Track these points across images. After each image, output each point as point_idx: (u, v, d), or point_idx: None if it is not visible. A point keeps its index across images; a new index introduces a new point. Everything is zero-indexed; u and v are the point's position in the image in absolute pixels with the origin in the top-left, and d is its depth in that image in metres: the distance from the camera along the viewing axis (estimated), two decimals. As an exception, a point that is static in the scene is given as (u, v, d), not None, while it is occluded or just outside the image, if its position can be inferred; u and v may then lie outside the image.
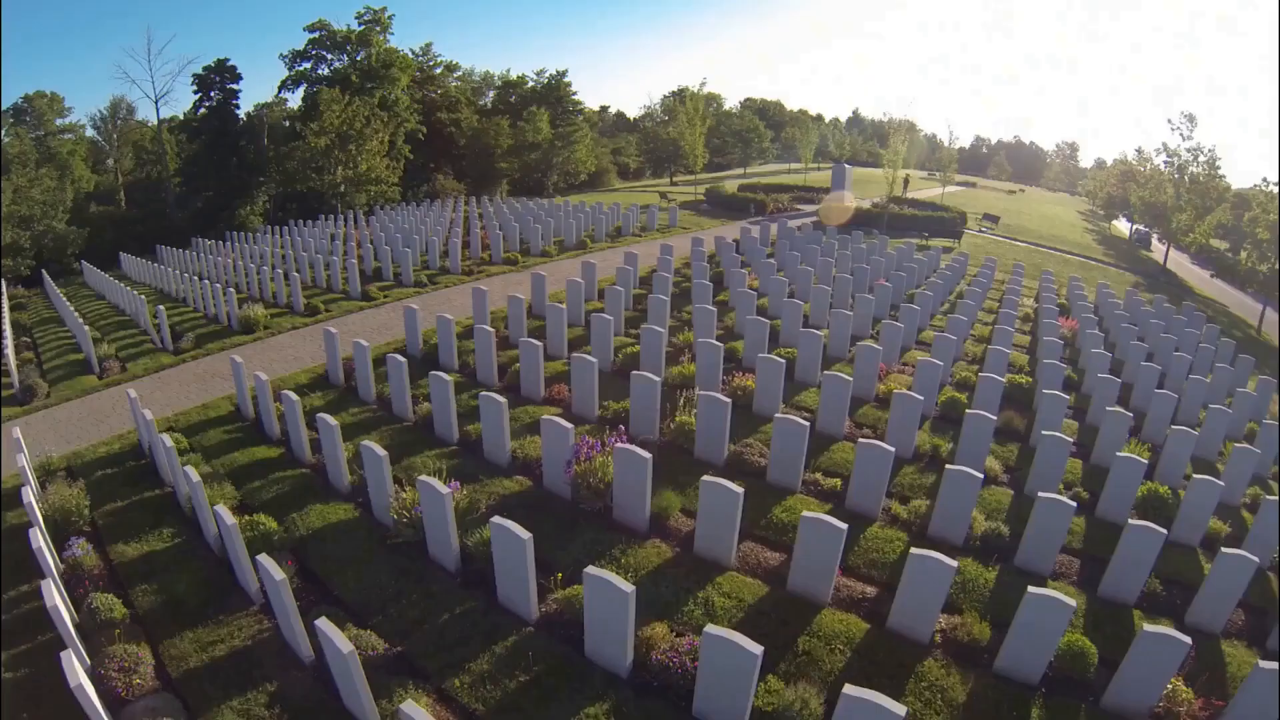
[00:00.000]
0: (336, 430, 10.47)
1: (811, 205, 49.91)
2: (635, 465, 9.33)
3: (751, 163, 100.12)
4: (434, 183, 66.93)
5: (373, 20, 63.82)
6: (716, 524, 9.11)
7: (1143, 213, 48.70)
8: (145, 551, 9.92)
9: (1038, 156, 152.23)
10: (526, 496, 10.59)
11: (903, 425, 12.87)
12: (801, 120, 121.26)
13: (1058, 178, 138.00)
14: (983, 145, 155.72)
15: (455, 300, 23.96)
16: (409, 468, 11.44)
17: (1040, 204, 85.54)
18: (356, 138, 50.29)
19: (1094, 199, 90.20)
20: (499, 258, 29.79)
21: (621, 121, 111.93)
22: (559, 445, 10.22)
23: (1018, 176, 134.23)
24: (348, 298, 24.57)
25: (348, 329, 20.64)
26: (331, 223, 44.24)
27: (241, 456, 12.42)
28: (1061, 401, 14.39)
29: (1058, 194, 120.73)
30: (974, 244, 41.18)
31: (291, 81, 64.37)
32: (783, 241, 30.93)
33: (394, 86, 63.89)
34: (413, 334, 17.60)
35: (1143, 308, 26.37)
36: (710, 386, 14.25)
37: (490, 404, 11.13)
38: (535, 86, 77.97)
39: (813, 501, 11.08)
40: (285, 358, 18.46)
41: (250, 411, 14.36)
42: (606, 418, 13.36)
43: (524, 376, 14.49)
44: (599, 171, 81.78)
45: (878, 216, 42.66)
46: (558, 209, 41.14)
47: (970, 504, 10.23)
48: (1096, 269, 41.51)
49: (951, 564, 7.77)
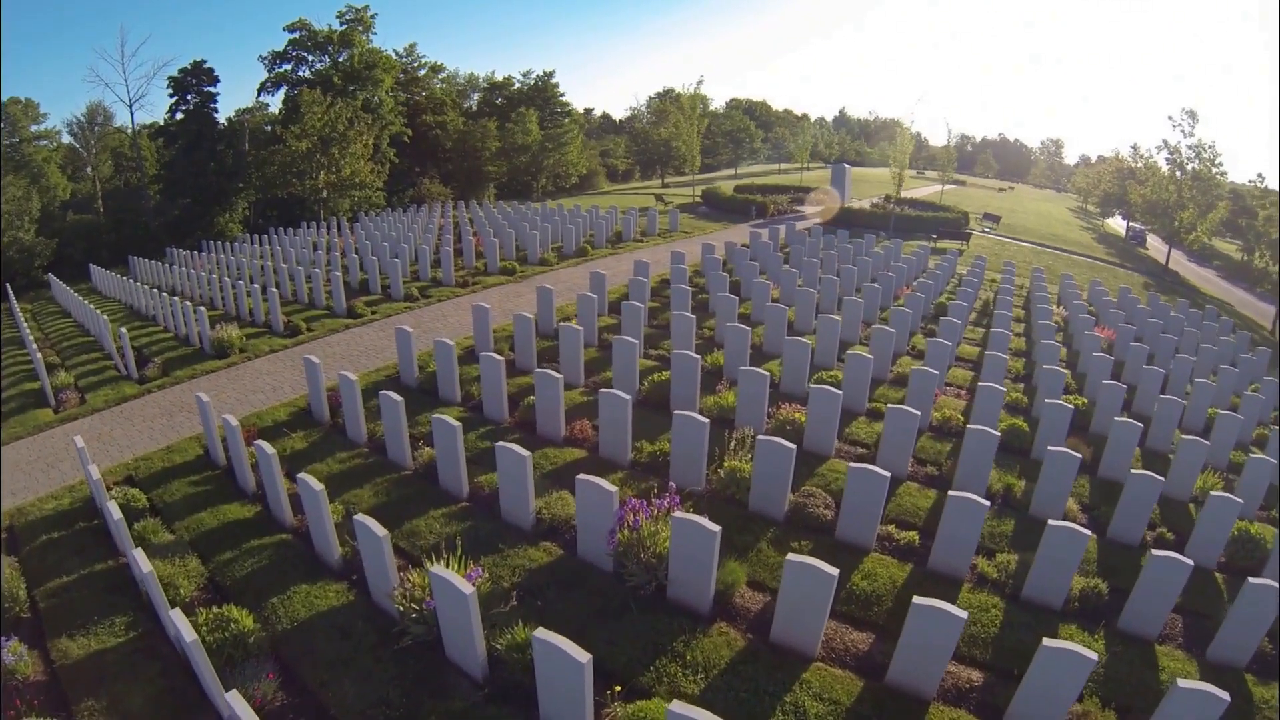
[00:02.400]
0: (321, 496, 8.57)
1: (813, 207, 48.44)
2: (698, 539, 7.58)
3: (742, 163, 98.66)
4: (420, 187, 64.85)
5: (355, 19, 61.63)
6: (802, 610, 7.38)
7: (1144, 211, 47.57)
8: (94, 649, 8.01)
9: (1023, 154, 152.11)
10: (559, 570, 8.75)
11: (976, 464, 11.27)
12: (788, 120, 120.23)
13: (1044, 175, 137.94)
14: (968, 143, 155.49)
15: (451, 316, 22.08)
16: (411, 533, 9.60)
17: (1031, 201, 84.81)
18: (339, 141, 48.30)
19: (1086, 196, 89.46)
20: (495, 267, 27.87)
21: (608, 123, 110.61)
22: (599, 511, 8.42)
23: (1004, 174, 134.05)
24: (332, 314, 22.61)
25: (332, 353, 18.75)
26: (314, 230, 42.15)
27: (210, 518, 10.48)
28: (1134, 431, 12.86)
29: (1045, 191, 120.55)
30: (981, 245, 39.87)
31: (271, 84, 62.10)
32: (796, 247, 29.27)
33: (377, 88, 61.78)
34: (406, 359, 15.70)
35: (1171, 314, 24.96)
36: (754, 420, 12.52)
37: (510, 457, 9.28)
38: (522, 88, 76.28)
39: (891, 561, 9.47)
40: (262, 387, 16.53)
41: (221, 456, 12.43)
42: (641, 462, 11.59)
43: (540, 414, 12.64)
44: (588, 174, 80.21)
45: (883, 218, 41.20)
46: (553, 214, 39.30)
47: (1074, 563, 8.71)
48: (1105, 270, 40.23)
49: (1091, 657, 6.24)
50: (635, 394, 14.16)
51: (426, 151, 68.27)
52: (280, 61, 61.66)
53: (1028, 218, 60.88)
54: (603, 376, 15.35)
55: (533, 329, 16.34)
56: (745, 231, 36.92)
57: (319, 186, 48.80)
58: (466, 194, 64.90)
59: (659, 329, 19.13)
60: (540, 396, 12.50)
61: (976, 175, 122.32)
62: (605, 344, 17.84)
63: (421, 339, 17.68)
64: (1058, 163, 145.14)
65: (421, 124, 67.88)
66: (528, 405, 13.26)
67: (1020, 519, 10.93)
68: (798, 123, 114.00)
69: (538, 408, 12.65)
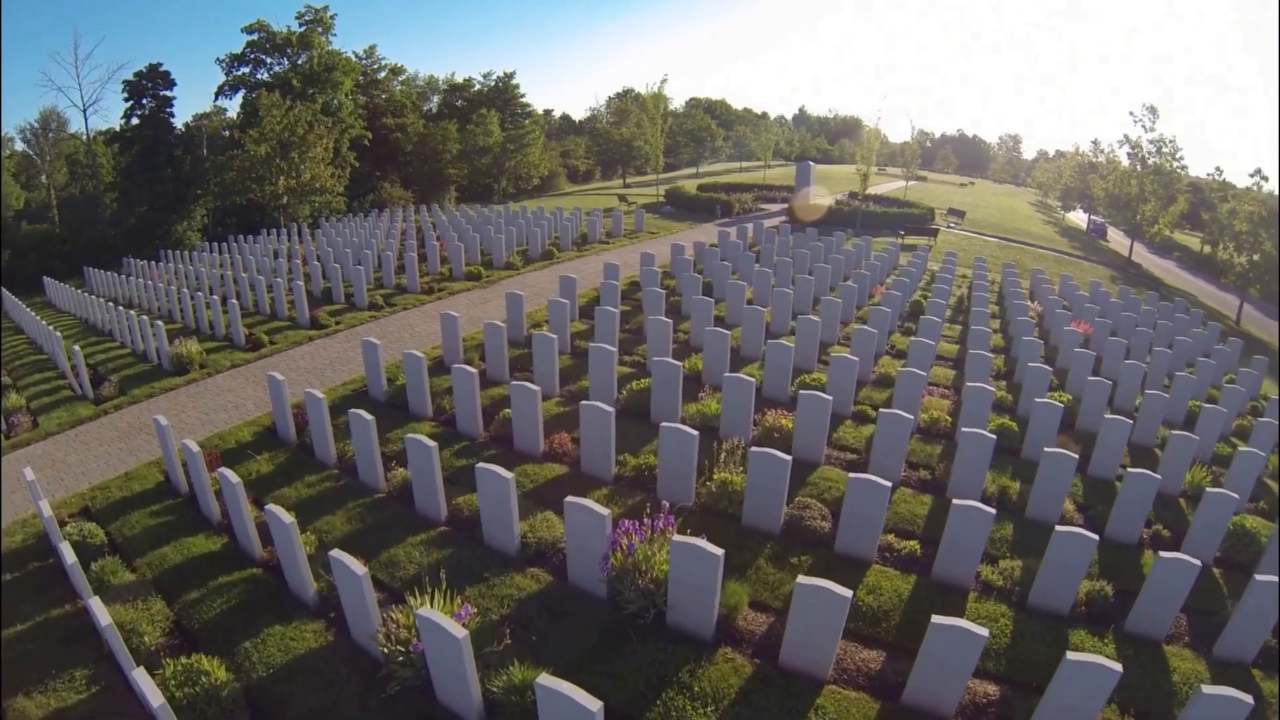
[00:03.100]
0: (293, 531, 7.92)
1: (776, 204, 48.25)
2: (700, 564, 7.15)
3: (703, 162, 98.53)
4: (380, 191, 63.69)
5: (314, 21, 60.38)
6: (813, 634, 7.00)
7: (1107, 205, 48.18)
8: (54, 708, 7.30)
9: (982, 149, 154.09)
10: (549, 598, 8.25)
11: (971, 468, 11.02)
12: (749, 118, 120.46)
13: (1003, 169, 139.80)
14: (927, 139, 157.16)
15: (418, 325, 21.42)
16: (390, 564, 9.01)
17: (993, 196, 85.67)
18: (299, 145, 47.02)
19: (1047, 190, 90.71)
20: (460, 272, 27.18)
21: (567, 124, 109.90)
22: (590, 535, 7.94)
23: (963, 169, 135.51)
24: (295, 325, 21.80)
25: (297, 366, 18.02)
26: (274, 237, 40.92)
27: (174, 553, 9.73)
28: (1123, 428, 12.74)
29: (1005, 185, 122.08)
30: (948, 240, 39.97)
31: (229, 87, 60.58)
32: (766, 246, 29.02)
33: (337, 91, 60.65)
34: (374, 373, 15.03)
35: (1143, 307, 25.13)
36: (740, 429, 12.14)
37: (492, 481, 8.75)
38: (483, 89, 75.47)
39: (894, 573, 9.17)
40: (225, 405, 15.76)
41: (183, 483, 11.64)
42: (625, 476, 11.13)
43: (518, 428, 12.07)
44: (549, 176, 79.55)
45: (850, 215, 41.14)
46: (516, 216, 38.63)
47: (1081, 568, 8.52)
48: (1071, 264, 40.55)
49: (1116, 669, 6.02)
50: (615, 403, 13.70)
51: (387, 155, 67.17)
52: (238, 64, 60.34)
53: (991, 212, 61.35)
54: (578, 385, 14.85)
55: (504, 338, 15.77)
56: (712, 231, 36.61)
57: (279, 192, 47.50)
58: (427, 197, 63.90)
59: (632, 333, 18.70)
60: (517, 411, 11.95)
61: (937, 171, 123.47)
62: (578, 350, 17.38)
63: (389, 349, 17.05)
64: (1016, 158, 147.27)
65: (382, 127, 66.79)
66: (503, 419, 12.69)
67: (1018, 522, 10.74)
68: (758, 121, 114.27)
69: (514, 422, 12.10)
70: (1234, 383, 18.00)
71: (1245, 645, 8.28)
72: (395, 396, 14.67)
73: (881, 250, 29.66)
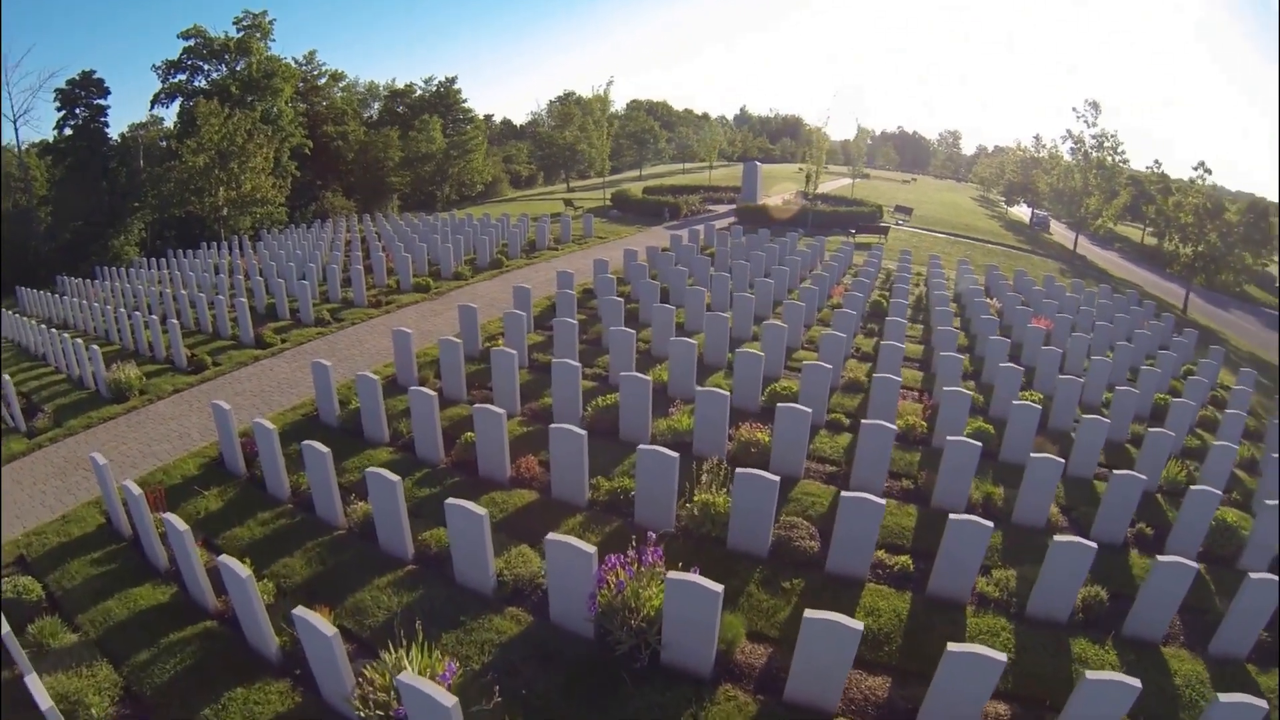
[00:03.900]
0: (249, 585, 7.16)
1: (724, 205, 48.15)
2: (699, 601, 6.67)
3: (646, 164, 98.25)
4: (322, 201, 61.90)
5: (252, 26, 58.32)
6: (822, 668, 6.60)
7: (1052, 199, 49.20)
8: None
9: (922, 146, 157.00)
10: (533, 641, 7.65)
11: (956, 476, 10.81)
12: (690, 119, 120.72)
13: (943, 165, 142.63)
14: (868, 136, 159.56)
15: (367, 341, 20.57)
16: (358, 610, 8.29)
17: (936, 192, 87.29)
18: (238, 155, 45.20)
19: (989, 185, 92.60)
20: (408, 284, 26.28)
21: (509, 128, 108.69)
22: (575, 574, 7.38)
23: (905, 166, 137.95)
24: (239, 345, 20.75)
25: (243, 389, 17.09)
26: (215, 251, 39.26)
27: (119, 607, 8.80)
28: (1100, 428, 12.69)
29: (946, 181, 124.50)
30: (898, 237, 40.32)
31: (165, 95, 58.34)
32: (720, 249, 28.75)
33: (277, 98, 58.76)
34: (325, 396, 14.20)
35: (1099, 301, 25.41)
36: (714, 445, 11.69)
37: (463, 517, 8.08)
38: (424, 94, 73.97)
39: (889, 591, 8.87)
40: (168, 434, 14.77)
41: (125, 525, 10.70)
42: (599, 501, 10.57)
43: (483, 454, 11.38)
44: (492, 181, 78.40)
45: (800, 214, 41.19)
46: (463, 224, 37.73)
47: (1080, 577, 8.43)
48: (1021, 258, 41.24)
49: (1135, 685, 5.85)
50: (581, 421, 13.13)
51: (328, 164, 65.37)
52: (175, 71, 58.15)
53: (936, 208, 62.32)
54: (540, 403, 14.24)
55: (460, 355, 15.06)
56: (662, 234, 36.30)
57: (218, 204, 45.67)
58: (370, 206, 62.36)
59: (590, 344, 18.11)
60: (481, 435, 11.26)
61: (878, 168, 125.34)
62: (537, 364, 16.77)
63: (338, 367, 16.24)
64: (956, 153, 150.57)
65: (323, 135, 64.99)
66: (465, 443, 11.99)
67: (1006, 529, 10.51)
68: (699, 122, 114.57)
69: (479, 448, 11.41)
70: (1194, 374, 18.16)
71: (1240, 642, 8.33)
72: (349, 421, 13.89)
73: (836, 250, 29.61)
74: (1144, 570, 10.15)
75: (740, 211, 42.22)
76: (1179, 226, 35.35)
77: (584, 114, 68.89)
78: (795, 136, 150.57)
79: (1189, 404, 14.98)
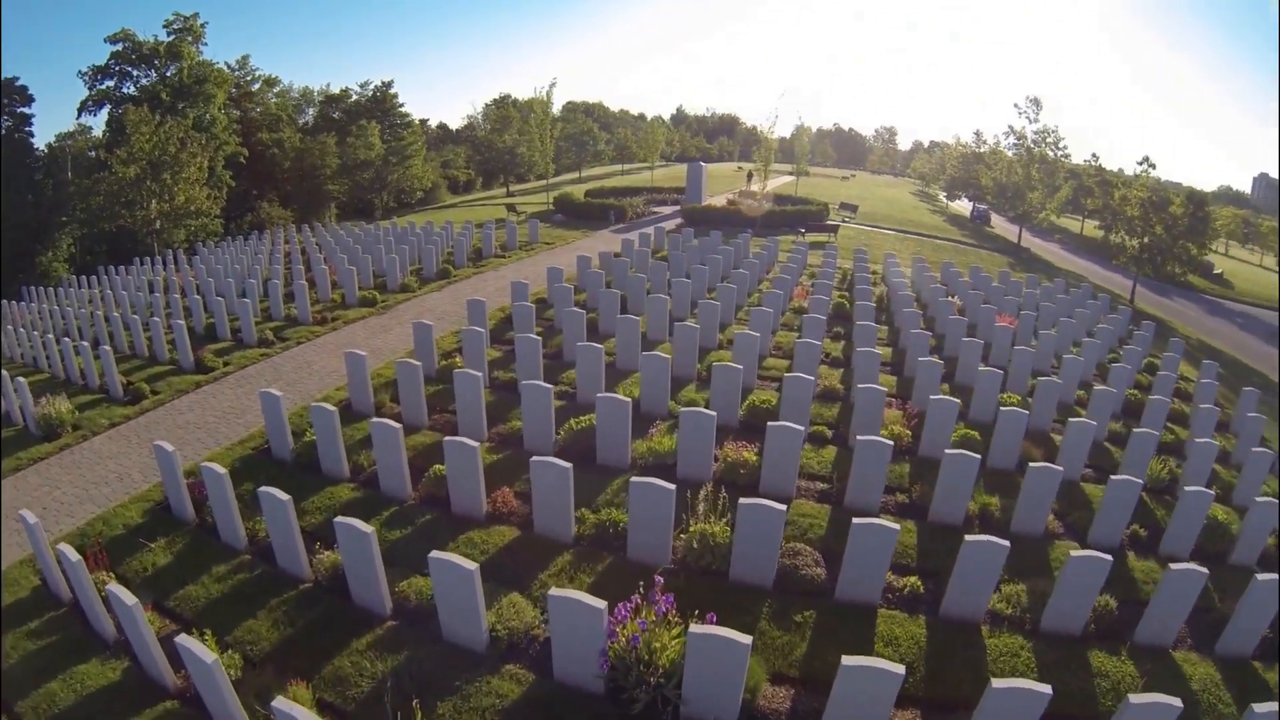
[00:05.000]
0: (216, 669, 6.20)
1: (668, 206, 47.77)
2: (725, 655, 6.11)
3: (586, 166, 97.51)
4: (258, 211, 59.65)
5: (183, 29, 55.81)
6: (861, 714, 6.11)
7: (996, 193, 50.05)
8: None
9: (858, 142, 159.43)
10: (540, 703, 6.93)
11: (955, 489, 10.51)
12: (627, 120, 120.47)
13: (880, 161, 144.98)
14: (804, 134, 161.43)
15: (315, 362, 19.45)
16: (337, 680, 7.41)
17: (875, 187, 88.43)
18: (171, 165, 42.90)
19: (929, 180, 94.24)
20: (354, 298, 25.07)
21: (445, 133, 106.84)
22: (583, 630, 6.73)
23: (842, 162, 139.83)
24: (178, 370, 19.38)
25: (185, 421, 15.91)
26: (148, 267, 37.12)
27: (63, 690, 7.71)
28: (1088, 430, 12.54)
29: (884, 176, 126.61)
30: (848, 235, 40.39)
31: (93, 102, 55.49)
32: (675, 253, 28.17)
33: (209, 105, 56.23)
34: (277, 430, 13.08)
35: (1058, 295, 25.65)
36: (700, 468, 11.16)
37: (449, 572, 7.28)
38: (360, 100, 72.01)
39: (902, 616, 8.54)
40: (106, 476, 13.55)
41: (63, 588, 9.53)
42: (586, 535, 9.88)
43: (455, 489, 10.57)
44: (431, 187, 76.81)
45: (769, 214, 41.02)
46: (406, 233, 36.50)
47: (1095, 590, 8.36)
48: (970, 252, 41.77)
49: (1177, 705, 5.77)
50: (553, 446, 12.42)
51: (263, 172, 63.03)
52: (102, 77, 55.37)
53: (879, 204, 62.94)
54: (509, 427, 13.43)
55: (420, 378, 14.08)
56: (609, 238, 35.78)
57: (151, 217, 43.29)
58: (307, 216, 60.40)
59: (552, 358, 17.30)
60: (454, 469, 10.45)
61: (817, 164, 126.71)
62: (499, 383, 16.01)
63: (287, 392, 15.34)
64: (892, 149, 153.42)
65: (257, 142, 62.63)
66: (435, 476, 11.14)
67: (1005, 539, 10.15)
68: (636, 122, 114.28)
69: (451, 482, 10.60)
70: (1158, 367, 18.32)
71: (1246, 641, 8.52)
72: (304, 455, 12.78)
73: (791, 250, 29.36)
74: (1143, 573, 10.19)
75: (687, 213, 41.77)
76: (1125, 220, 36.16)
77: (523, 117, 67.84)
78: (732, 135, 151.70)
79: (1163, 400, 15.01)
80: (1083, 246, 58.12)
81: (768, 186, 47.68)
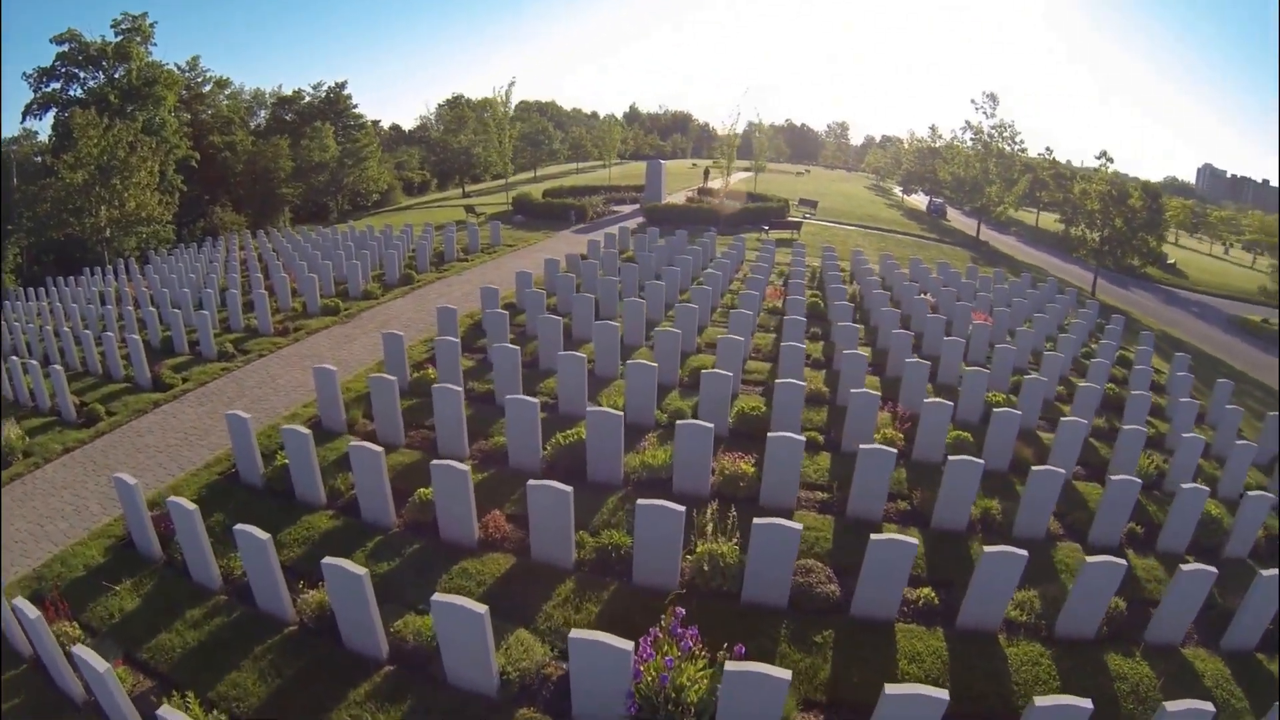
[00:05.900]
0: None
1: (628, 205, 47.44)
2: (762, 690, 5.76)
3: (541, 165, 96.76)
4: (211, 216, 57.79)
5: (132, 29, 53.84)
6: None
7: (954, 187, 50.63)
8: None
9: (811, 138, 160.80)
10: (558, 754, 6.54)
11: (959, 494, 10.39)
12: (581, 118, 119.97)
13: (833, 156, 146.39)
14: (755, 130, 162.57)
15: (280, 376, 18.62)
16: (332, 736, 6.91)
17: (831, 183, 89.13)
18: (120, 170, 41.24)
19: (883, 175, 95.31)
20: (315, 307, 24.18)
21: (398, 134, 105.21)
22: (608, 673, 6.29)
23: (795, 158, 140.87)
24: (135, 388, 18.34)
25: (144, 445, 15.03)
26: (99, 277, 35.59)
27: None
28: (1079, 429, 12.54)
29: (837, 171, 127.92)
30: (810, 232, 40.42)
31: (38, 105, 53.51)
32: (641, 254, 27.73)
33: (159, 107, 54.38)
34: (245, 454, 12.27)
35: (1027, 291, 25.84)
36: (697, 483, 10.81)
37: (457, 617, 6.74)
38: (313, 101, 70.36)
39: (920, 630, 8.34)
40: (62, 508, 12.63)
41: (24, 643, 8.61)
42: (587, 560, 9.42)
43: (444, 515, 9.99)
44: (386, 190, 75.48)
45: (708, 212, 40.92)
46: (365, 237, 35.58)
47: (1110, 594, 8.34)
48: (933, 247, 42.10)
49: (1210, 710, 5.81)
50: (540, 463, 11.94)
51: (216, 176, 61.07)
52: (48, 79, 53.39)
53: (837, 199, 63.30)
54: (492, 443, 12.84)
55: (395, 393, 13.41)
56: (572, 238, 35.33)
57: (100, 224, 41.47)
58: (261, 220, 58.84)
59: (527, 367, 16.64)
60: (442, 494, 9.87)
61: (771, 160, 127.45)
62: (473, 394, 15.32)
63: (252, 410, 14.53)
64: (845, 144, 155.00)
65: (209, 146, 60.66)
66: (420, 501, 10.55)
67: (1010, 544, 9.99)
68: (590, 120, 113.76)
69: (440, 509, 10.02)
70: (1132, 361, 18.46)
71: (1249, 636, 8.72)
72: (276, 479, 11.99)
73: (758, 249, 29.19)
74: (1144, 571, 10.25)
75: (648, 211, 41.45)
76: (1086, 213, 36.76)
77: (478, 117, 66.93)
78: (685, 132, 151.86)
79: (1143, 395, 15.08)
80: (1040, 239, 59.14)
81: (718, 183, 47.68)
